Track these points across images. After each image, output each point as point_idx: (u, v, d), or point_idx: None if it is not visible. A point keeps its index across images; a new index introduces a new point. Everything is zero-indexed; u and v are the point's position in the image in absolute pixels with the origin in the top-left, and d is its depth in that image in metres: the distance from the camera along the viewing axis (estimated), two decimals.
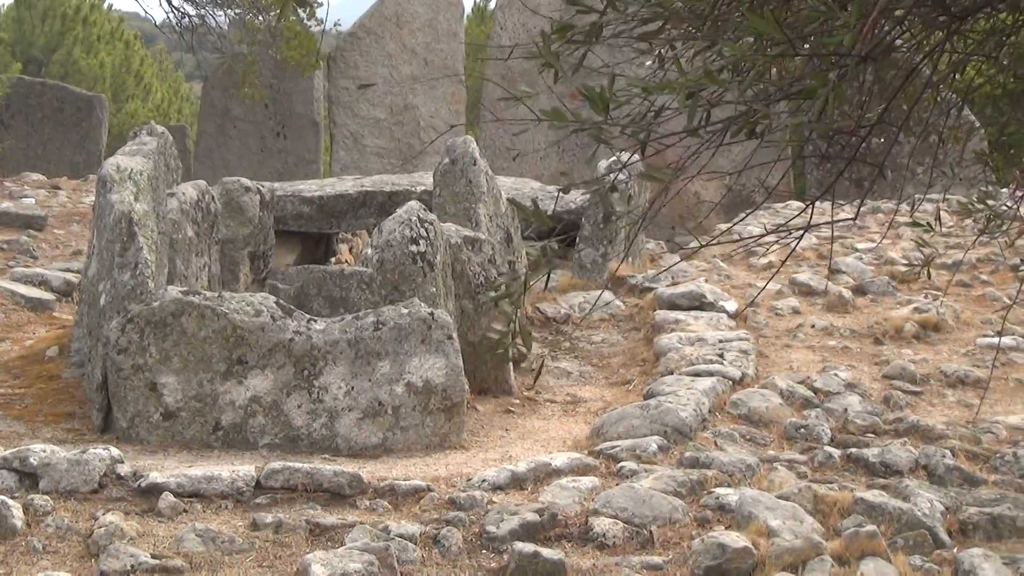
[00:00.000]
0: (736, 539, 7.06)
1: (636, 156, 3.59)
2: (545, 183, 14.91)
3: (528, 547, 6.94)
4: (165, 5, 19.64)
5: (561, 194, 4.40)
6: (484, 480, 7.79)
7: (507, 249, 10.91)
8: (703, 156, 3.44)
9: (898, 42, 3.70)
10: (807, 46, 3.15)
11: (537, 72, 3.44)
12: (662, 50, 3.30)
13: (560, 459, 8.10)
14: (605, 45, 3.37)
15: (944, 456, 8.38)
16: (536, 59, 3.27)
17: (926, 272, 5.82)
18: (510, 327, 4.34)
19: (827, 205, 11.68)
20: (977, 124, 8.49)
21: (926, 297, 11.60)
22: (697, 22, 3.11)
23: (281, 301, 9.18)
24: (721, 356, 9.85)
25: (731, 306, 11.22)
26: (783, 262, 9.61)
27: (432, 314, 8.78)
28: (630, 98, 3.23)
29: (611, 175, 10.23)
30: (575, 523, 7.32)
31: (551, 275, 12.41)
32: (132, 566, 6.85)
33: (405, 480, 7.79)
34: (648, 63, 3.42)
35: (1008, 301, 11.05)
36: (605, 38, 3.31)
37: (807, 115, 3.09)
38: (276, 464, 7.89)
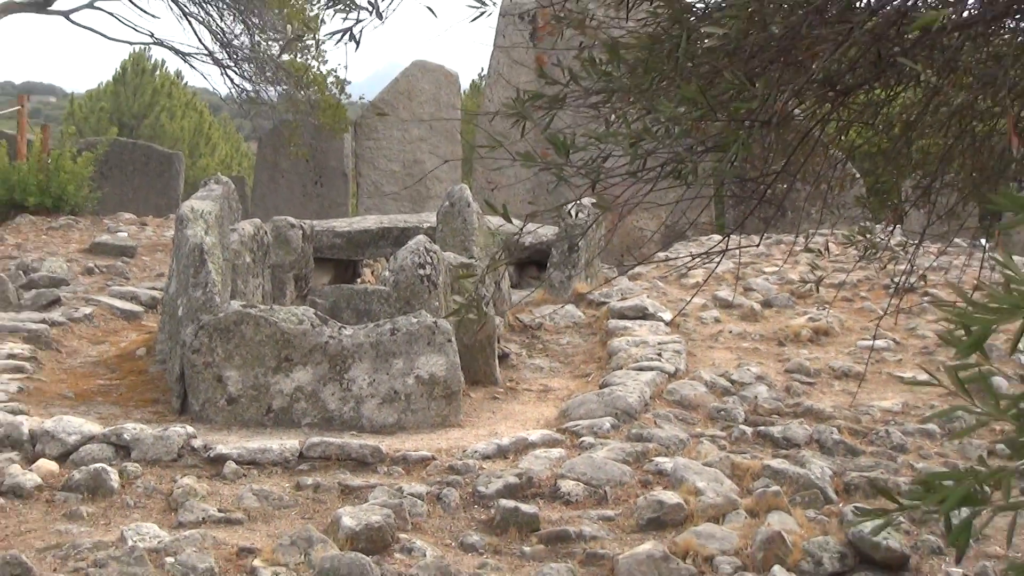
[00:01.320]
0: (671, 497, 7.09)
1: (590, 199, 3.60)
2: (522, 221, 14.92)
3: (510, 503, 6.96)
4: (228, 83, 19.64)
5: (529, 221, 4.40)
6: (476, 451, 7.80)
7: (497, 275, 10.90)
8: (643, 195, 3.45)
9: (796, 111, 3.70)
10: (724, 111, 3.17)
11: (513, 129, 3.44)
12: (609, 115, 3.30)
13: (535, 435, 8.11)
14: (569, 110, 3.38)
15: (832, 432, 8.40)
16: (512, 115, 3.28)
17: (817, 288, 5.82)
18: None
19: (741, 237, 11.73)
20: (857, 175, 8.50)
21: (818, 309, 11.62)
22: (639, 93, 3.12)
23: (319, 313, 9.18)
24: (659, 355, 9.85)
25: (667, 316, 11.21)
26: (705, 281, 9.61)
27: (436, 323, 8.79)
28: (586, 146, 3.24)
29: (568, 205, 10.31)
30: (546, 484, 7.33)
31: (527, 292, 12.43)
32: (203, 518, 6.86)
33: (415, 451, 7.80)
34: (601, 125, 3.42)
35: (881, 312, 11.06)
36: (568, 105, 3.32)
37: (724, 165, 3.11)
38: (315, 439, 7.89)
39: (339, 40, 3.68)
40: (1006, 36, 3.67)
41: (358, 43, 3.80)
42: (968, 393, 2.26)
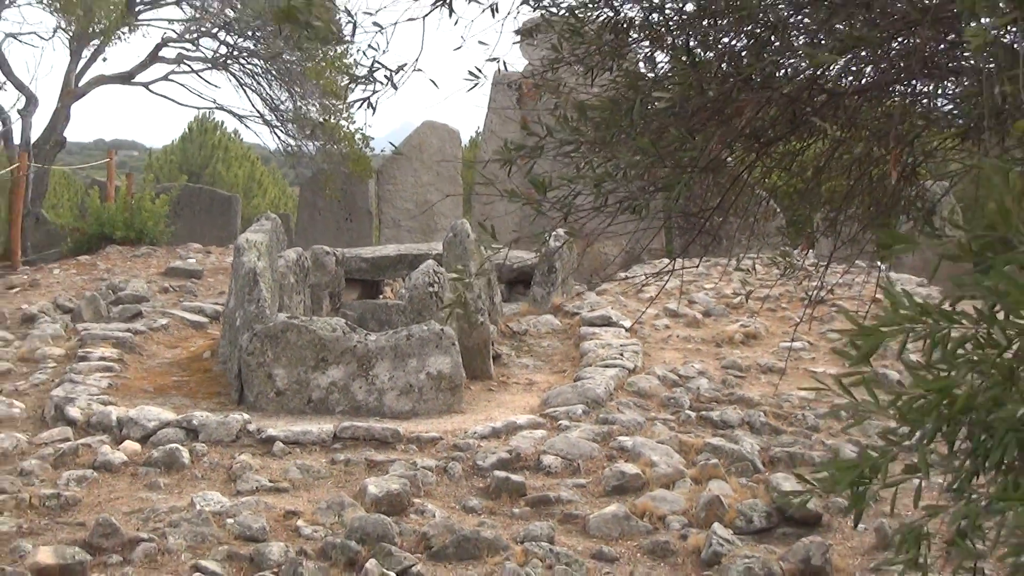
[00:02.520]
0: (631, 468, 7.09)
1: (564, 230, 3.62)
2: (511, 249, 14.88)
3: (502, 473, 6.97)
4: (276, 139, 19.68)
5: (513, 246, 4.42)
6: (475, 432, 7.79)
7: (488, 289, 10.90)
8: (606, 226, 3.46)
9: (728, 159, 3.71)
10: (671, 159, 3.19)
11: (501, 171, 3.46)
12: (579, 162, 3.31)
13: (522, 419, 8.10)
14: (547, 158, 3.38)
15: (759, 416, 8.41)
16: (502, 160, 3.30)
17: (746, 301, 5.85)
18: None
19: (685, 260, 11.69)
20: (778, 210, 8.54)
21: (747, 317, 11.62)
22: (602, 145, 3.13)
23: (349, 322, 9.18)
24: (621, 355, 9.85)
25: (627, 323, 11.20)
26: (657, 295, 9.60)
27: (443, 330, 8.79)
28: (559, 186, 3.25)
29: (545, 234, 10.36)
30: (531, 458, 7.33)
31: (515, 305, 12.42)
32: (257, 487, 6.85)
33: (426, 433, 7.80)
34: (573, 170, 3.43)
35: (798, 320, 11.08)
36: (545, 154, 3.34)
37: (671, 202, 3.13)
38: (346, 423, 7.89)
39: (359, 107, 3.73)
40: (895, 99, 3.69)
41: (375, 109, 3.83)
42: (852, 395, 2.30)
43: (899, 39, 3.19)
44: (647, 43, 3.41)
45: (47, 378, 9.17)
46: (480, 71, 3.65)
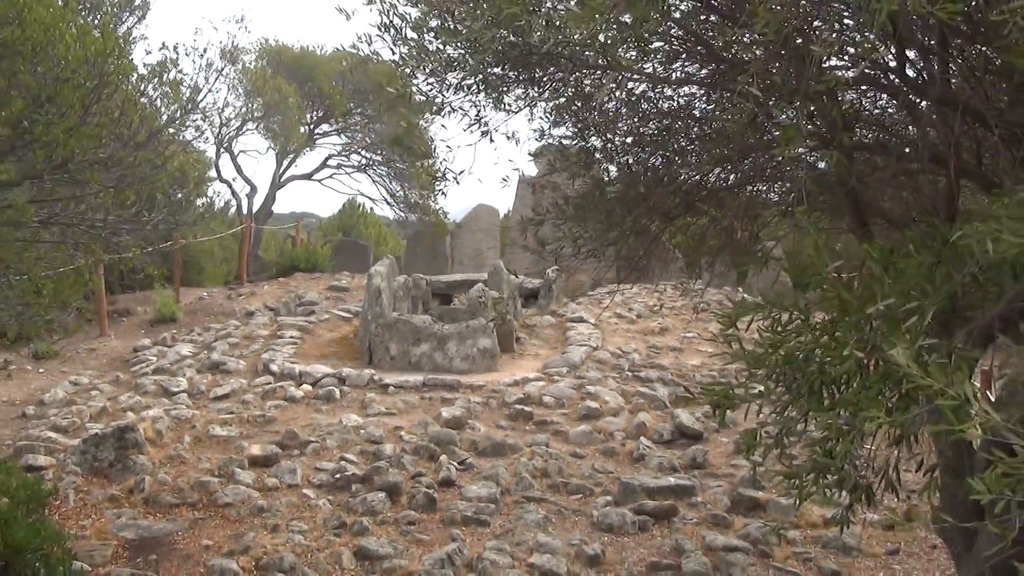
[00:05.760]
0: (594, 404, 7.06)
1: (556, 267, 3.62)
2: (527, 278, 14.92)
3: (519, 406, 6.96)
4: (393, 212, 19.79)
5: (527, 277, 4.42)
6: (504, 382, 7.78)
7: (513, 301, 10.89)
8: (580, 264, 3.47)
9: (651, 226, 3.71)
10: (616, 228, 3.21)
11: (522, 236, 3.48)
12: (565, 230, 3.32)
13: (531, 375, 8.08)
14: (547, 226, 3.39)
15: (668, 375, 8.34)
16: (521, 228, 3.32)
17: (661, 308, 5.82)
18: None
19: (626, 286, 11.64)
20: (680, 256, 8.53)
21: (662, 318, 11.54)
22: (577, 219, 3.14)
23: (433, 318, 9.19)
24: (589, 339, 9.80)
25: (592, 320, 11.15)
26: (609, 304, 9.53)
27: (487, 324, 8.79)
28: (554, 242, 3.27)
29: (549, 271, 10.32)
30: (536, 398, 7.31)
31: (529, 310, 12.38)
32: (378, 412, 6.86)
33: (476, 382, 7.79)
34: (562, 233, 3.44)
35: (690, 320, 11.01)
36: (546, 224, 3.35)
37: (618, 250, 3.15)
38: (430, 376, 7.89)
39: (439, 195, 3.79)
40: (746, 193, 3.69)
41: (446, 195, 3.89)
42: (730, 343, 2.28)
43: (749, 158, 3.20)
44: (604, 160, 3.43)
45: (259, 347, 9.24)
46: (507, 177, 3.69)
